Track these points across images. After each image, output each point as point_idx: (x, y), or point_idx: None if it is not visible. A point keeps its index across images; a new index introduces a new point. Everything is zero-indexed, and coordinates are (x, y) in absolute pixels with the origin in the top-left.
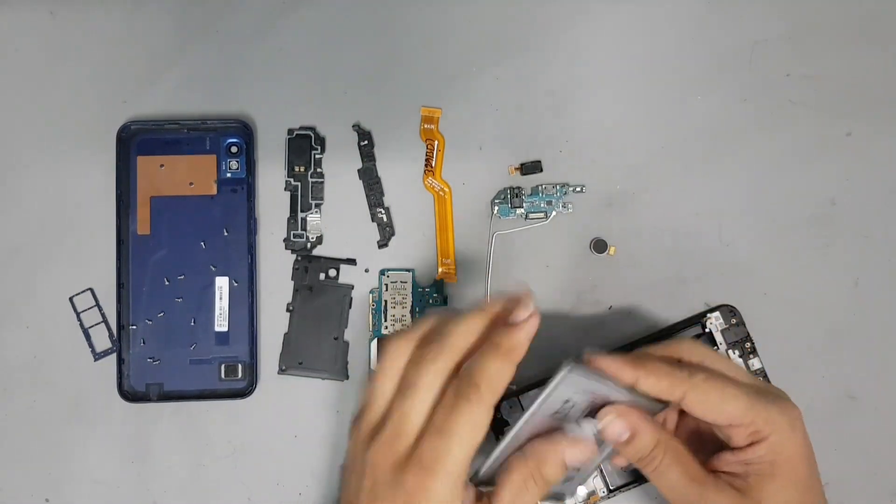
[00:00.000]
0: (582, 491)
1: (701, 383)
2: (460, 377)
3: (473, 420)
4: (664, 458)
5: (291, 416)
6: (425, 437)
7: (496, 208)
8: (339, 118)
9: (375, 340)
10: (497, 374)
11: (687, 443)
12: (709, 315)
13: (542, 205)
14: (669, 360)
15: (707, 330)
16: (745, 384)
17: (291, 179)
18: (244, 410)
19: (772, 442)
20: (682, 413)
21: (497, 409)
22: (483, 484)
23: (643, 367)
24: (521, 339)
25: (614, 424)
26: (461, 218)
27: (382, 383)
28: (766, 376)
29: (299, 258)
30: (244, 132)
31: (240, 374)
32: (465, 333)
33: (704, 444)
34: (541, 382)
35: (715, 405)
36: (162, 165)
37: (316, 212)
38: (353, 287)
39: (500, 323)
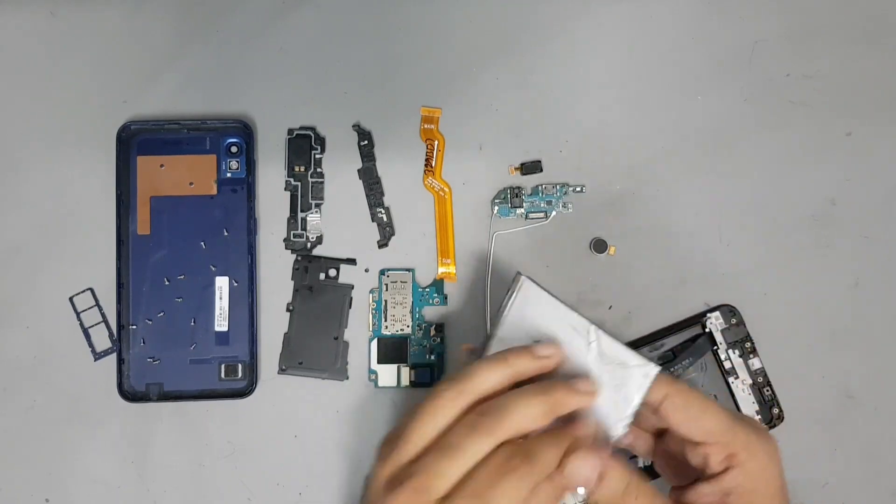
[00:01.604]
0: (582, 490)
1: (684, 390)
2: (514, 449)
3: (515, 490)
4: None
5: (291, 416)
6: (457, 499)
7: (496, 208)
8: (339, 118)
9: (376, 341)
10: (554, 457)
11: (663, 466)
12: (709, 315)
13: (542, 205)
14: None
15: (707, 330)
16: (726, 409)
17: (291, 179)
18: (244, 410)
19: (749, 469)
20: (659, 436)
21: None
22: None
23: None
24: (584, 431)
25: (582, 466)
26: (461, 218)
27: (423, 427)
28: (766, 376)
29: (299, 258)
30: (244, 132)
31: (240, 374)
32: (529, 417)
33: (679, 470)
34: None
35: (695, 415)
36: (162, 165)
37: (316, 212)
38: (353, 287)
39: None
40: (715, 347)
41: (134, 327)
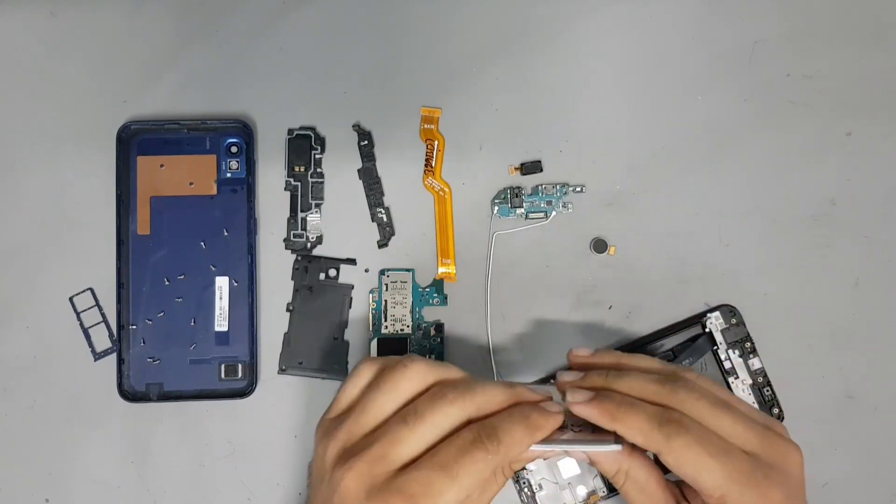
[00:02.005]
0: (582, 491)
1: (678, 449)
2: (482, 426)
3: (481, 470)
4: (625, 485)
5: (291, 416)
6: (418, 469)
7: (496, 208)
8: (339, 118)
9: (376, 341)
10: (519, 441)
11: None
12: (709, 315)
13: (542, 205)
14: (658, 394)
15: (707, 330)
16: (731, 453)
17: (291, 179)
18: (244, 410)
19: None
20: None
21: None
22: None
23: (621, 421)
24: (547, 423)
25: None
26: (461, 218)
27: (381, 399)
28: (766, 376)
29: (299, 258)
30: (244, 132)
31: (240, 374)
32: (491, 398)
33: None
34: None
35: (687, 473)
36: (162, 165)
37: (316, 212)
38: (353, 287)
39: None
40: (715, 347)
41: (134, 327)
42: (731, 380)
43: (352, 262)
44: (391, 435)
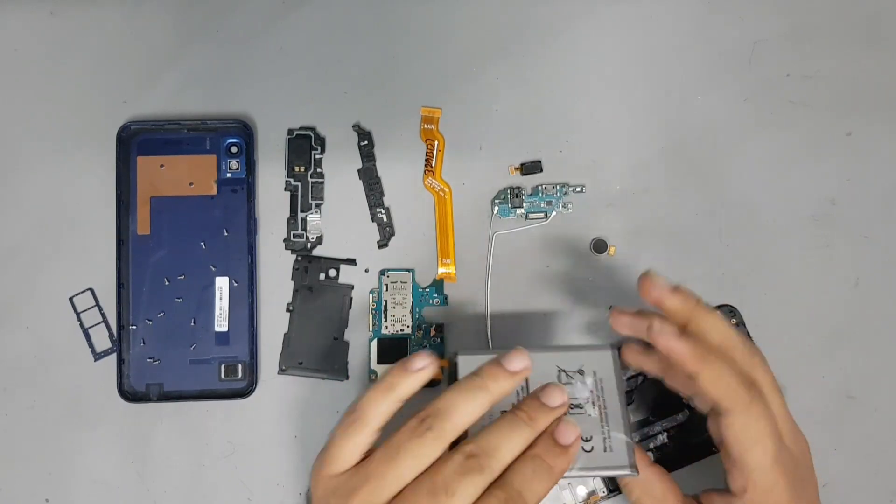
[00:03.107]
0: (582, 491)
1: (753, 417)
2: (508, 492)
3: (473, 492)
4: (633, 492)
5: (291, 416)
6: (410, 496)
7: (496, 208)
8: (339, 118)
9: (376, 341)
10: (544, 493)
11: (673, 383)
12: None
13: (542, 205)
14: (742, 356)
15: None
16: (782, 441)
17: (291, 179)
18: (244, 410)
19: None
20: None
21: None
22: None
23: (710, 365)
24: (568, 462)
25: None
26: (461, 218)
27: (399, 470)
28: None
29: (299, 258)
30: (244, 132)
31: (240, 374)
32: (514, 451)
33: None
34: None
35: (744, 444)
36: (162, 165)
37: (316, 212)
38: (353, 287)
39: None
40: None
41: (134, 327)
42: None
43: (352, 262)
44: (378, 471)
